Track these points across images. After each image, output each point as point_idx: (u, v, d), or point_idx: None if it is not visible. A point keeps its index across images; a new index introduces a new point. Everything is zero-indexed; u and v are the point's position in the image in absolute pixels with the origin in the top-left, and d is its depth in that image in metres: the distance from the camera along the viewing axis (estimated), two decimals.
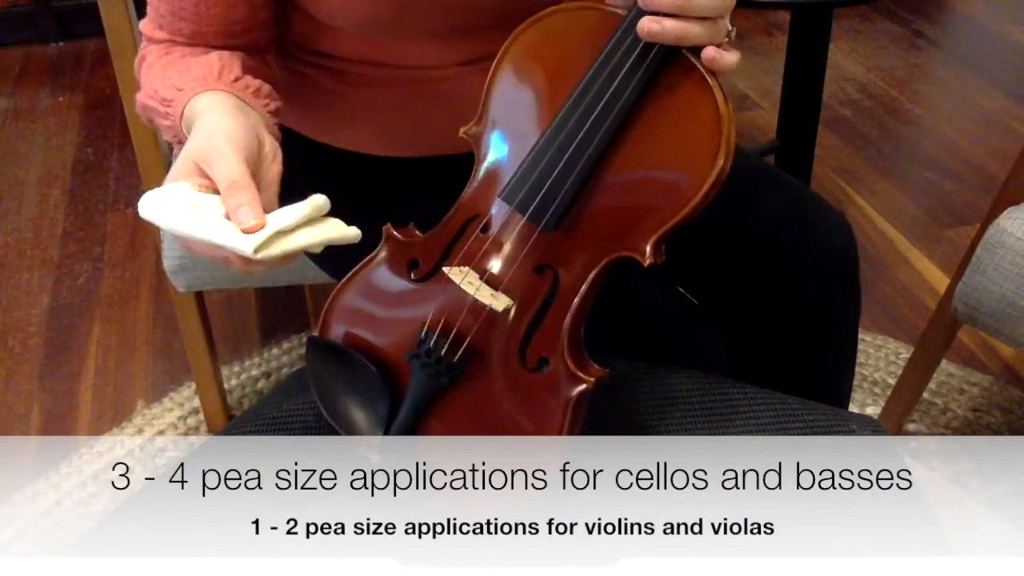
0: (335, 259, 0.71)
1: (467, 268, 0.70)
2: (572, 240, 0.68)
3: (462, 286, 0.68)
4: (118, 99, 1.19)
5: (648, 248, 0.64)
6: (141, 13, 1.10)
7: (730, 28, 0.64)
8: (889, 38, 2.72)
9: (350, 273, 0.76)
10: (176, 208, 0.63)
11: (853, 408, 1.51)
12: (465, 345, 0.69)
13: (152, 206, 0.63)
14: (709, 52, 0.62)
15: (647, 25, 0.62)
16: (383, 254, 0.74)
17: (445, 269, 0.69)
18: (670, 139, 0.65)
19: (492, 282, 0.69)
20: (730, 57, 0.63)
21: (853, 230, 0.95)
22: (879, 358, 1.63)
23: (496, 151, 0.71)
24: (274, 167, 0.69)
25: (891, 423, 1.44)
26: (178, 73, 0.77)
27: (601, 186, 0.66)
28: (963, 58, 2.61)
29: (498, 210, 0.70)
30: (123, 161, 2.26)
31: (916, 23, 2.78)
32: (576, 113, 0.66)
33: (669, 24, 0.61)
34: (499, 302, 0.67)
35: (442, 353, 0.69)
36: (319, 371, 0.76)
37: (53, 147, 2.35)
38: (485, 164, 0.72)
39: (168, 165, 1.26)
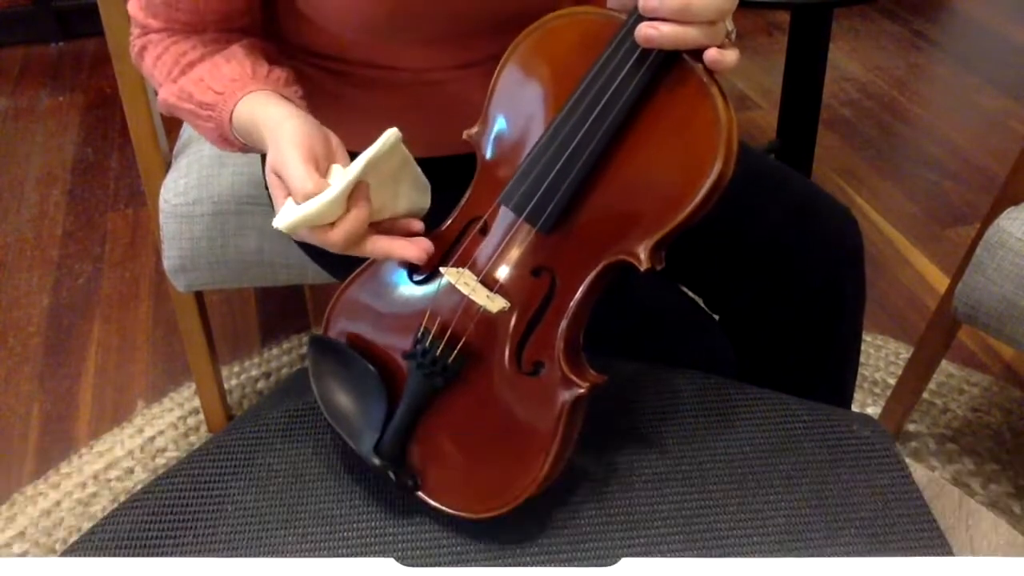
0: (338, 260, 0.71)
1: (464, 269, 0.70)
2: (569, 243, 0.68)
3: (457, 287, 0.68)
4: (118, 99, 1.19)
5: (644, 253, 0.64)
6: None
7: (730, 29, 0.64)
8: (889, 38, 2.72)
9: (354, 273, 0.76)
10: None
11: (853, 408, 1.52)
12: (460, 346, 0.69)
13: (282, 222, 0.66)
14: (711, 54, 0.61)
15: (644, 30, 0.61)
16: None
17: (442, 270, 0.69)
18: (668, 143, 0.64)
19: (488, 284, 0.69)
20: (731, 56, 0.62)
21: (859, 224, 0.95)
22: (879, 358, 1.63)
23: (497, 153, 0.71)
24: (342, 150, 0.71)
25: (891, 423, 1.44)
26: (209, 74, 0.77)
27: (598, 189, 0.66)
28: (963, 58, 2.61)
29: (497, 211, 0.70)
30: (123, 161, 2.26)
31: (916, 23, 2.78)
32: (574, 116, 0.65)
33: (666, 29, 0.61)
34: (494, 304, 0.67)
35: (437, 354, 0.69)
36: (320, 370, 0.77)
37: (53, 147, 2.35)
38: (486, 166, 0.72)
39: (168, 165, 1.26)
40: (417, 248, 0.67)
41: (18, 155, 2.33)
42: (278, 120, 0.70)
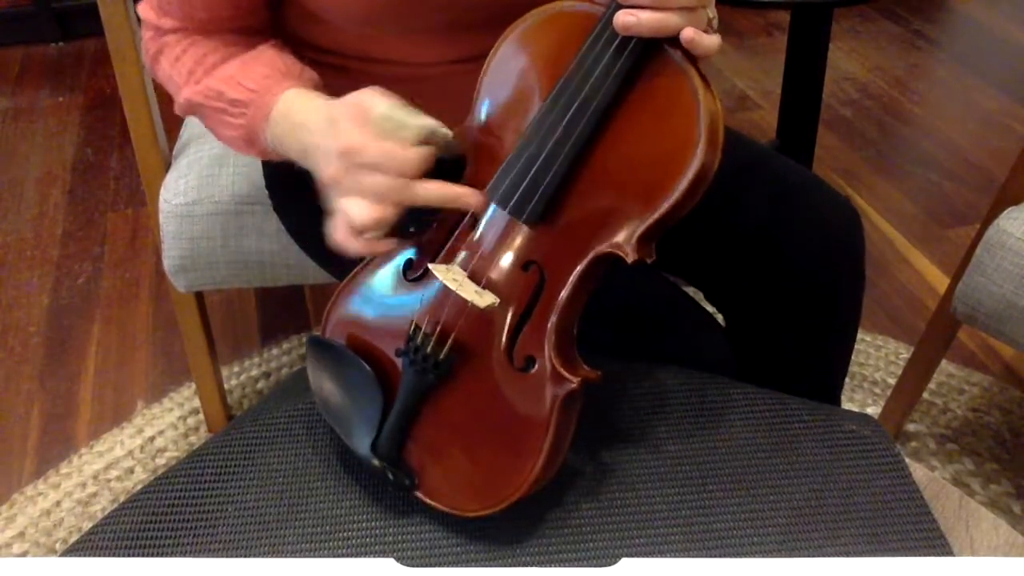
0: (338, 259, 0.71)
1: (452, 265, 0.70)
2: (557, 236, 0.67)
3: (446, 283, 0.68)
4: (118, 99, 1.19)
5: (631, 245, 0.64)
6: None
7: (712, 16, 0.64)
8: (889, 38, 2.72)
9: (351, 274, 0.76)
10: None
11: (853, 408, 1.52)
12: (451, 343, 0.69)
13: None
14: (687, 33, 0.61)
15: (622, 18, 0.61)
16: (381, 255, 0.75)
17: (431, 266, 0.69)
18: (650, 132, 0.64)
19: (477, 279, 0.69)
20: (709, 40, 0.62)
21: (859, 214, 0.95)
22: (879, 358, 1.63)
23: (485, 148, 0.71)
24: None
25: (891, 423, 1.44)
26: (240, 71, 0.77)
27: (583, 180, 0.66)
28: (963, 58, 2.61)
29: (485, 206, 0.70)
30: (123, 161, 2.26)
31: (916, 23, 2.78)
32: (556, 108, 0.66)
33: (644, 16, 0.61)
34: (483, 299, 0.67)
35: (428, 351, 0.69)
36: (318, 370, 0.77)
37: (53, 147, 2.35)
38: (475, 160, 0.72)
39: (168, 165, 1.26)
40: (472, 194, 0.67)
41: (18, 155, 2.33)
42: (323, 102, 0.71)
